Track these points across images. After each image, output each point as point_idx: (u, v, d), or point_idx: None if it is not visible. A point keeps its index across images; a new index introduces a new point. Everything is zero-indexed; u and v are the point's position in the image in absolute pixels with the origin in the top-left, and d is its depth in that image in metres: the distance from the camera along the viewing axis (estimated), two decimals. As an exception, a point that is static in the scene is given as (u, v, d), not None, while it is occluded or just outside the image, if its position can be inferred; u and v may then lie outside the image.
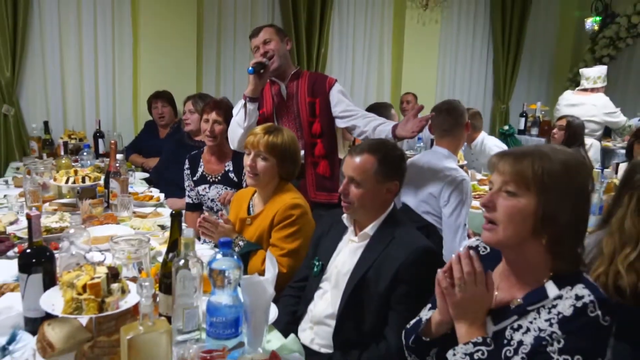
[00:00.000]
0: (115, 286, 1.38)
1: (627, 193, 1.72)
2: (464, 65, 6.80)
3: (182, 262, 1.40)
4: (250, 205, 2.33)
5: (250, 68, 2.60)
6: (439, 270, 1.27)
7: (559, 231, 1.18)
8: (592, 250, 1.82)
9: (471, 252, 1.25)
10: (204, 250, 2.14)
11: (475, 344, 1.19)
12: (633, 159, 3.59)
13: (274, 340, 1.50)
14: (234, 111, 2.78)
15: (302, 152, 2.74)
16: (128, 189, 2.86)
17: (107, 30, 4.78)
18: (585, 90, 5.22)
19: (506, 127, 5.77)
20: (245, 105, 2.62)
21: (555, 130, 4.10)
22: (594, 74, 5.22)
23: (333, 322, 1.75)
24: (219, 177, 3.04)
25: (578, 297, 1.14)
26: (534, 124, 5.92)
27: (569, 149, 1.26)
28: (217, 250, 1.40)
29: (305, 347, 1.78)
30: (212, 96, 3.94)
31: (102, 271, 1.39)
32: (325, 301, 1.80)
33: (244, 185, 2.84)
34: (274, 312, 1.61)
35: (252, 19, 5.41)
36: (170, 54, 4.94)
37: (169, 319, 1.44)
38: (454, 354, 1.22)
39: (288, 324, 1.87)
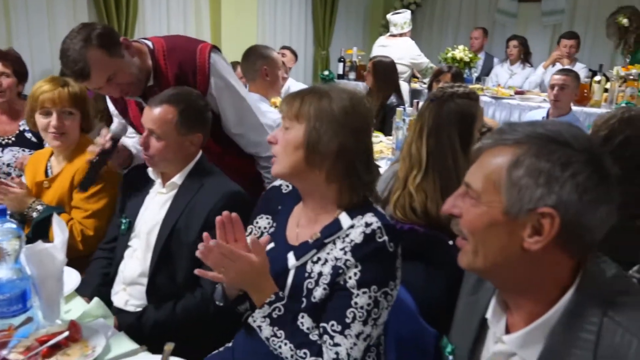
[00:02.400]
0: None
1: (417, 122, 1.88)
2: (284, 12, 6.79)
3: (-52, 238, 1.21)
4: (48, 167, 2.11)
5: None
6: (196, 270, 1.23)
7: (331, 163, 1.24)
8: (392, 179, 1.98)
9: (211, 241, 1.19)
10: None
11: (270, 304, 1.21)
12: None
13: (75, 308, 1.39)
14: None
15: None
16: None
17: None
18: (394, 36, 5.56)
19: (326, 73, 5.96)
20: None
21: (365, 74, 4.30)
22: (400, 20, 5.56)
23: (146, 280, 1.67)
24: (13, 139, 2.73)
25: (367, 225, 1.22)
26: (352, 68, 6.18)
27: (353, 90, 1.30)
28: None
29: (119, 310, 1.70)
30: (-1, 48, 3.40)
31: None
32: (136, 259, 1.71)
33: (45, 146, 2.55)
34: (74, 279, 1.49)
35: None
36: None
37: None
38: (254, 320, 1.23)
39: (100, 286, 1.75)
